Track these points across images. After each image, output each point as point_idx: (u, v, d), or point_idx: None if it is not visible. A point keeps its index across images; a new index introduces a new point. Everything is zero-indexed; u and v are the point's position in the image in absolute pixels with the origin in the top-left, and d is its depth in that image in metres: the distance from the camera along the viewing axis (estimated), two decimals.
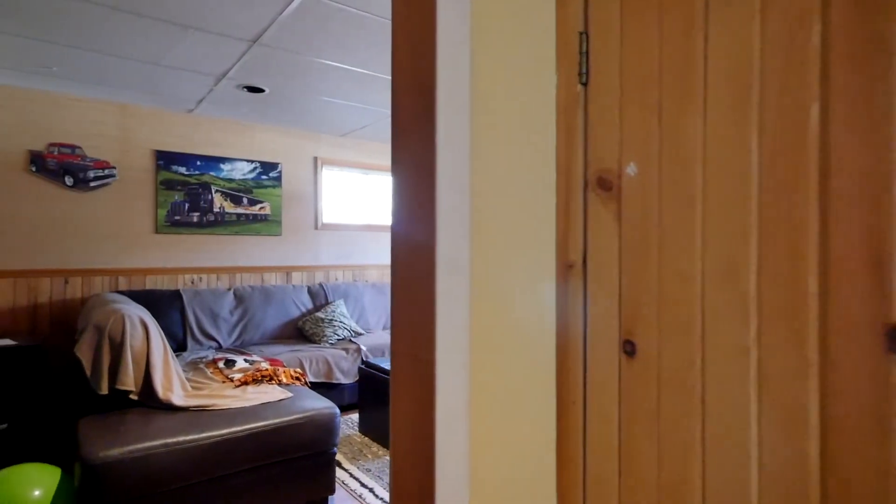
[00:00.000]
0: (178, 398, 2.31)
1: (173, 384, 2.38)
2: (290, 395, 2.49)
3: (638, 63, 0.78)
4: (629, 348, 0.78)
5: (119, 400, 2.30)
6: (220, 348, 3.69)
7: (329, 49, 2.69)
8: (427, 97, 0.73)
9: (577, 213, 0.86)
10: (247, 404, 2.34)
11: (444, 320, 0.71)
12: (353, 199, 4.92)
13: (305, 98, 3.54)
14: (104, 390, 2.22)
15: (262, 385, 2.65)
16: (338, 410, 2.38)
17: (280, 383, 2.71)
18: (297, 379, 2.81)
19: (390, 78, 3.14)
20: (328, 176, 4.75)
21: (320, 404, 2.39)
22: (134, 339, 2.31)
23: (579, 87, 0.86)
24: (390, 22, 2.46)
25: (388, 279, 5.08)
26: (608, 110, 0.82)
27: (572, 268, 0.87)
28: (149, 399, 2.30)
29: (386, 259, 5.07)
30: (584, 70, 0.86)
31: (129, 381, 2.25)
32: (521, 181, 0.84)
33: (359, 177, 4.95)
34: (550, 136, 0.88)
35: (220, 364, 3.02)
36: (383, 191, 5.13)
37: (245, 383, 2.65)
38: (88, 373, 2.24)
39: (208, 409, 2.28)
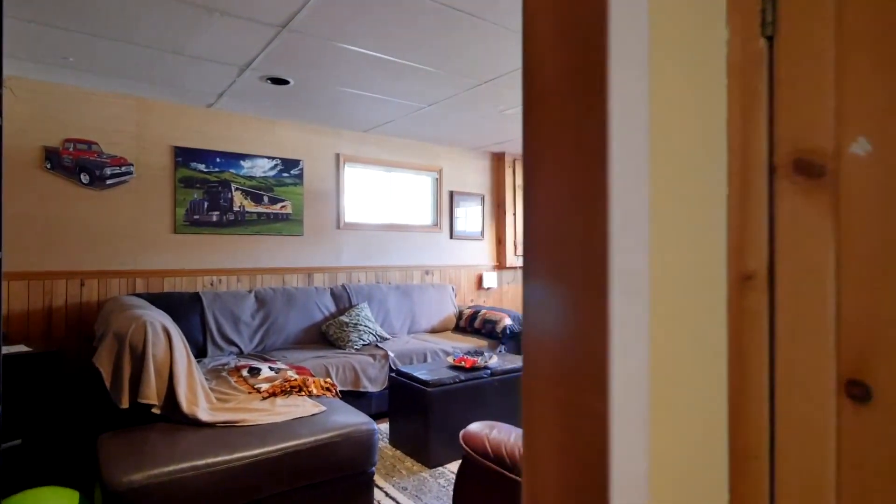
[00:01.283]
0: (203, 412, 2.13)
1: (198, 397, 2.20)
2: (322, 408, 2.30)
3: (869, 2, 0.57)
4: (858, 392, 0.57)
5: (140, 413, 2.12)
6: (241, 354, 3.52)
7: (362, 35, 2.50)
8: (594, 46, 0.52)
9: (758, 209, 0.65)
10: (278, 419, 2.15)
11: (620, 360, 0.51)
12: (375, 197, 4.74)
13: (331, 90, 3.35)
14: (125, 404, 2.05)
15: (292, 397, 2.46)
16: (375, 426, 2.19)
17: (310, 395, 2.53)
18: (328, 390, 2.62)
19: (428, 68, 2.97)
20: (350, 174, 4.56)
21: (356, 419, 2.20)
22: (156, 348, 2.13)
23: (762, 41, 0.66)
24: (435, 3, 2.26)
25: (411, 280, 4.89)
26: (813, 69, 0.61)
27: (751, 280, 0.66)
28: (172, 413, 2.12)
29: (409, 260, 4.87)
30: (769, 19, 0.65)
31: (152, 394, 2.07)
32: (684, 168, 0.63)
33: (381, 174, 4.76)
34: (720, 106, 0.67)
35: (244, 372, 2.84)
36: (406, 189, 4.94)
37: (273, 395, 2.47)
38: (108, 385, 2.06)
39: (237, 424, 2.09)
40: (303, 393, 2.51)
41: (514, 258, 5.54)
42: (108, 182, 3.39)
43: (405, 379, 2.99)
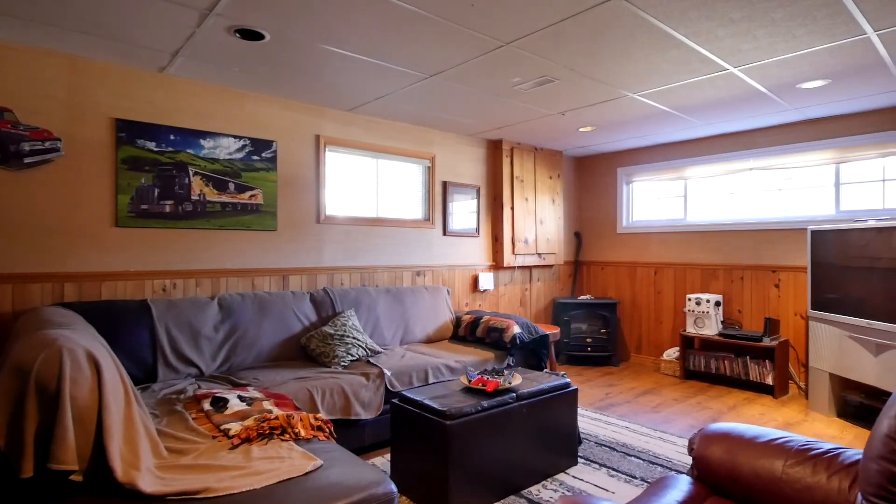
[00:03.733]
0: (147, 479, 1.49)
1: (140, 453, 1.55)
2: (317, 462, 1.69)
3: None
4: None
5: (53, 483, 1.47)
6: (202, 376, 2.85)
7: None
8: None
9: None
10: (257, 484, 1.53)
11: None
12: (361, 187, 4.11)
13: (315, 50, 2.72)
14: (27, 472, 1.39)
15: (273, 443, 1.84)
16: (394, 489, 1.60)
17: (297, 438, 1.91)
18: (320, 429, 2.01)
19: (442, 19, 2.35)
20: (332, 159, 3.93)
21: (367, 476, 1.60)
22: (78, 387, 1.48)
23: None
24: None
25: (400, 282, 4.29)
26: None
27: None
28: (102, 481, 1.47)
29: (398, 259, 4.27)
30: None
31: (70, 457, 1.42)
32: None
33: (367, 161, 4.14)
34: None
35: (206, 404, 2.19)
36: (395, 179, 4.33)
37: (248, 440, 1.84)
38: (2, 444, 1.40)
39: (198, 496, 1.46)
40: (287, 436, 1.89)
41: (512, 257, 5.01)
42: (27, 161, 2.66)
43: (413, 407, 2.40)
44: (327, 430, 2.03)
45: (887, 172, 3.87)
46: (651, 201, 5.40)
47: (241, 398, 2.26)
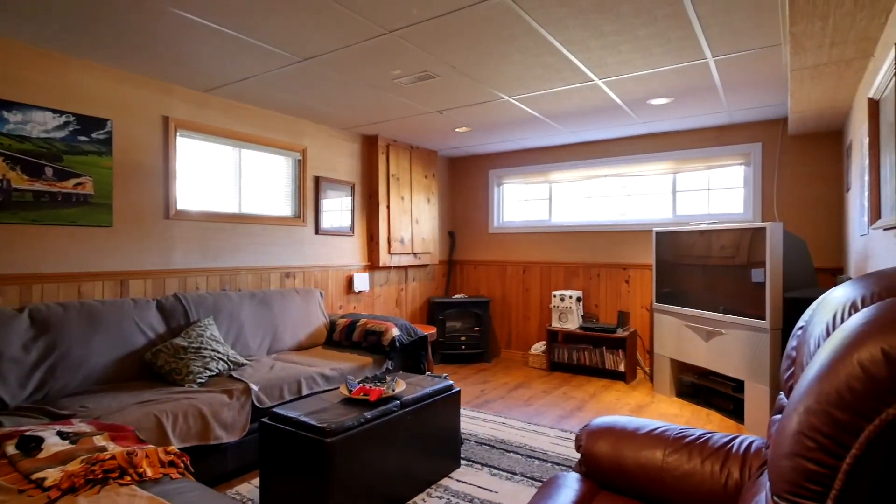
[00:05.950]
0: None
1: None
2: None
3: None
4: None
5: None
6: (4, 409, 2.26)
7: None
8: None
9: None
10: None
11: None
12: (220, 179, 3.66)
13: (163, 15, 2.31)
14: None
15: (109, 491, 1.47)
16: None
17: (141, 479, 1.56)
18: (172, 465, 1.67)
19: None
20: (184, 146, 3.43)
21: None
22: None
23: None
24: None
25: (268, 286, 3.90)
26: None
27: None
28: None
29: (264, 260, 3.89)
30: None
31: None
32: None
33: (228, 151, 3.70)
34: None
35: (10, 447, 1.72)
36: (261, 172, 3.93)
37: (72, 489, 1.46)
38: None
39: None
40: (128, 479, 1.54)
41: (388, 257, 4.88)
42: None
43: (286, 426, 2.15)
44: (182, 464, 1.70)
45: (712, 183, 4.50)
46: (520, 203, 5.66)
47: (61, 434, 1.81)
